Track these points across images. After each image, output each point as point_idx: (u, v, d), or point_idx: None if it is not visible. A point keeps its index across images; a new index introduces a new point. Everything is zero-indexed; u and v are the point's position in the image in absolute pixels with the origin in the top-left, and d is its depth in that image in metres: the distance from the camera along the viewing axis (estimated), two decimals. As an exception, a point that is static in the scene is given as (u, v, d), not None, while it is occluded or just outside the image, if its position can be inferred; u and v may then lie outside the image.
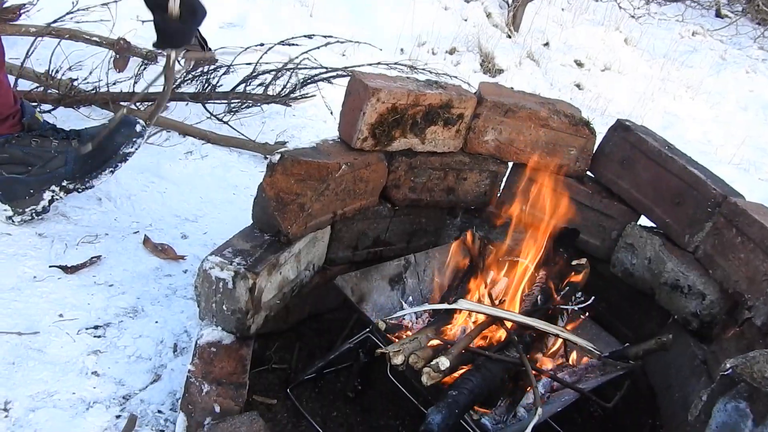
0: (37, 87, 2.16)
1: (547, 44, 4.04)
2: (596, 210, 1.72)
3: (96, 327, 1.47)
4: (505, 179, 1.75)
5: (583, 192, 1.72)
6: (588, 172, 1.77)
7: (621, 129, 1.73)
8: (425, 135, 1.54)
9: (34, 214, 1.69)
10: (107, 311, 1.52)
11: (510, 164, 1.74)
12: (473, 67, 3.48)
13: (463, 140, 1.63)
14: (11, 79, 2.22)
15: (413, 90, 1.46)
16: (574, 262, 1.60)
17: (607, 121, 3.63)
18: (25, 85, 2.20)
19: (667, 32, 5.32)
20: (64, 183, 1.71)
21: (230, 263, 1.29)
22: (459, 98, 1.54)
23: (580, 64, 4.05)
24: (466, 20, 3.78)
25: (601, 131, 1.77)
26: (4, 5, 2.47)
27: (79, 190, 1.76)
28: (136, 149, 1.77)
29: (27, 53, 2.21)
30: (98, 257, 1.65)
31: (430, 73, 2.68)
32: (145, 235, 1.75)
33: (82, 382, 1.32)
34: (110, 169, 1.75)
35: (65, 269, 1.60)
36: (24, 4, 2.53)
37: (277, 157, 1.34)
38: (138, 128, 1.75)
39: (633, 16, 4.09)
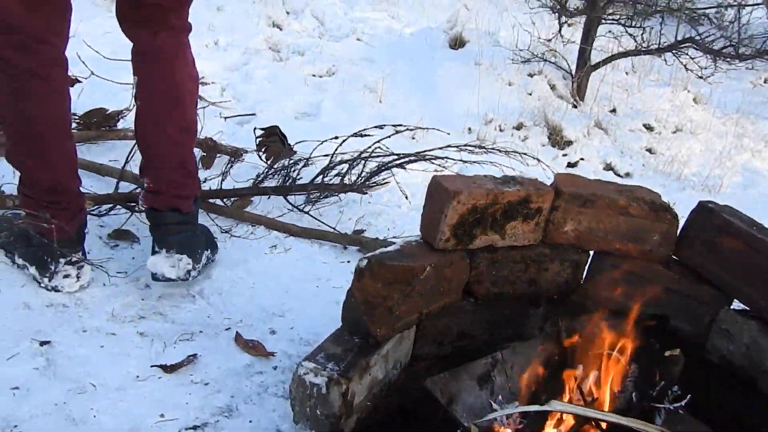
0: (135, 188, 2.33)
1: (614, 111, 4.03)
2: (685, 295, 1.68)
3: (194, 427, 1.53)
4: (587, 267, 1.75)
5: (669, 276, 1.70)
6: (673, 256, 1.74)
7: (704, 211, 1.70)
8: (505, 231, 1.57)
9: (198, 271, 1.96)
10: (204, 411, 1.58)
11: (591, 252, 1.73)
12: (541, 140, 3.51)
13: (542, 232, 1.64)
14: (112, 181, 2.41)
15: (492, 189, 1.51)
16: (667, 353, 1.56)
17: (683, 185, 3.56)
18: (124, 186, 2.38)
19: (737, 83, 5.18)
20: (207, 250, 2.02)
21: (324, 369, 1.33)
22: (536, 192, 1.57)
23: (649, 128, 4.01)
24: (530, 94, 3.83)
25: (678, 197, 1.75)
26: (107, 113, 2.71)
27: (210, 261, 2.06)
28: None
29: (127, 158, 2.40)
30: (194, 355, 1.73)
31: (499, 152, 2.72)
32: (237, 332, 1.83)
33: (186, 485, 1.37)
34: (216, 252, 2.10)
35: (165, 368, 1.68)
36: (122, 111, 2.77)
37: (364, 261, 1.40)
38: None
39: (701, 77, 4.04)
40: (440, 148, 2.64)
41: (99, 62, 2.85)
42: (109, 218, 2.24)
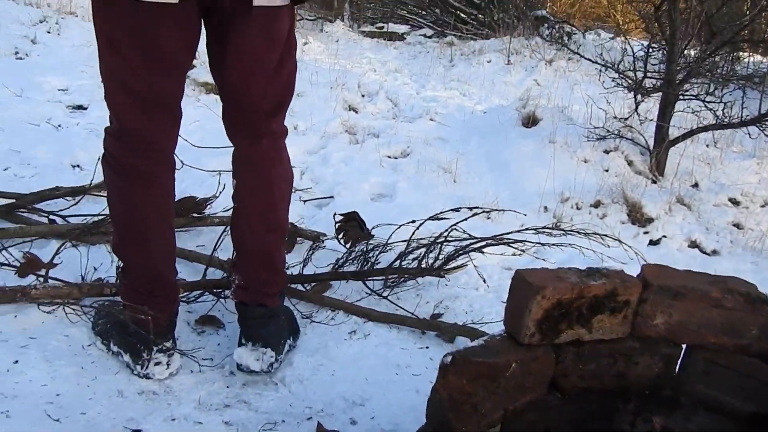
0: (223, 275, 2.42)
1: (696, 185, 3.91)
2: (791, 393, 1.57)
3: None
4: (679, 361, 1.67)
5: (771, 373, 1.59)
6: (775, 351, 1.64)
7: (807, 303, 1.61)
8: (592, 324, 1.53)
9: (281, 361, 2.03)
10: (287, 504, 1.58)
11: (684, 345, 1.66)
12: (620, 218, 3.43)
13: (630, 326, 1.59)
14: (200, 267, 2.52)
15: (577, 282, 1.48)
16: (775, 459, 1.45)
17: (778, 264, 3.37)
18: (210, 272, 2.48)
19: (829, 153, 4.95)
20: (290, 338, 2.09)
21: (409, 469, 1.31)
22: (623, 285, 1.53)
23: (735, 203, 3.86)
24: (607, 171, 3.79)
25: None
26: (196, 201, 2.87)
27: (292, 348, 2.12)
28: None
29: (215, 245, 2.51)
30: (278, 446, 1.75)
31: (578, 233, 2.69)
32: (318, 422, 1.83)
33: None
34: (298, 337, 2.16)
35: (249, 460, 1.70)
36: (209, 198, 2.92)
37: (449, 358, 1.40)
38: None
39: (788, 149, 3.90)
40: (518, 231, 2.63)
41: (187, 150, 3.04)
42: (196, 304, 2.33)
